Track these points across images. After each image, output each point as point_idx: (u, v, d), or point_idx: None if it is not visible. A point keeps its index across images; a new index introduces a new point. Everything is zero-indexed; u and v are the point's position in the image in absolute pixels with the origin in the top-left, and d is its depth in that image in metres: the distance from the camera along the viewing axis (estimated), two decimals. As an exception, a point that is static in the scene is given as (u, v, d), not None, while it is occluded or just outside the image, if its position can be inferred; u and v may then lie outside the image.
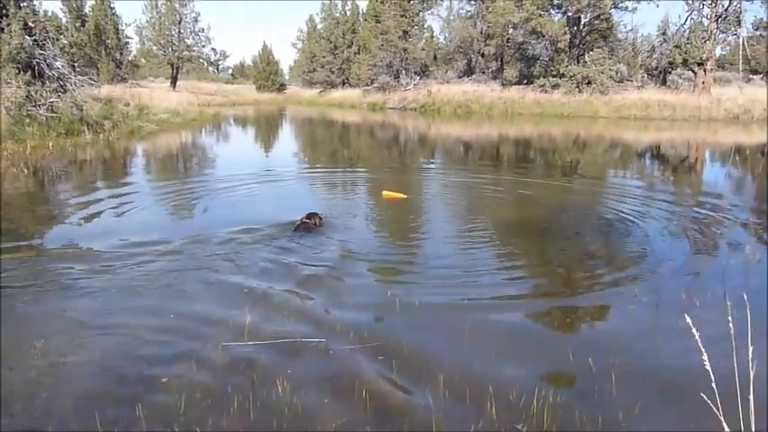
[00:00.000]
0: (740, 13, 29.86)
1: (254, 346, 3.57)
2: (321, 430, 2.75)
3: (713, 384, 2.04)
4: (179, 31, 48.39)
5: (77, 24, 42.65)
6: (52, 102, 16.13)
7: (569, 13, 33.26)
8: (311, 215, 6.57)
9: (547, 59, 34.98)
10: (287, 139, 23.13)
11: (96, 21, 43.10)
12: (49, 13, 32.33)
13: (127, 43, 47.90)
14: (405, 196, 8.41)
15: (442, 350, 3.59)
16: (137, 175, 11.33)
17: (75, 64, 23.52)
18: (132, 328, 3.88)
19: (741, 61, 32.41)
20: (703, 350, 2.01)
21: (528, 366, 3.41)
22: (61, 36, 20.87)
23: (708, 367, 2.00)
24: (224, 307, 4.24)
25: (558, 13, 34.29)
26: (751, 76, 38.79)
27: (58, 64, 17.74)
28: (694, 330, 2.10)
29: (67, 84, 17.63)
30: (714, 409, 2.04)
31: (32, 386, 3.16)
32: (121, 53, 46.11)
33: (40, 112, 15.59)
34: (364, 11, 51.34)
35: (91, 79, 20.53)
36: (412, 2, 42.62)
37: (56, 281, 4.81)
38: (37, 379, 3.23)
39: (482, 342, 3.69)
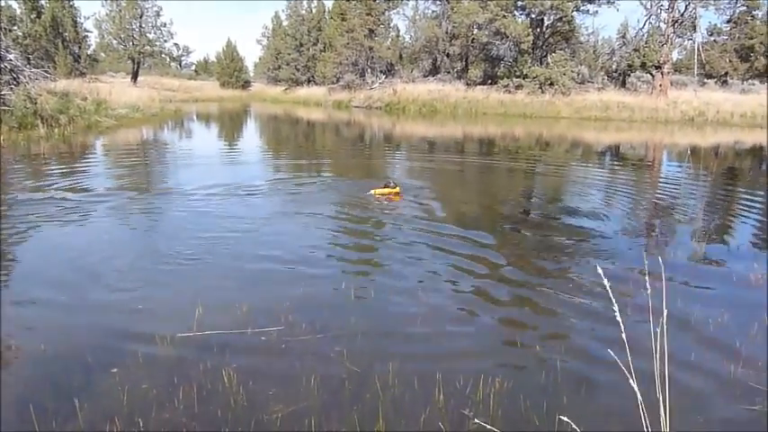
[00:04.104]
0: (695, 18, 30.82)
1: (205, 337, 3.52)
2: (265, 419, 2.72)
3: (632, 383, 2.10)
4: (140, 26, 47.34)
5: (32, 16, 41.18)
6: (4, 94, 15.58)
7: (533, 15, 33.78)
8: (387, 184, 8.21)
9: (511, 60, 35.38)
10: (251, 135, 22.82)
11: (53, 12, 41.67)
12: (2, 3, 31.18)
13: (86, 37, 46.43)
14: (397, 190, 8.16)
15: (393, 339, 3.60)
16: (94, 166, 10.99)
17: (30, 56, 22.79)
18: (80, 312, 3.81)
19: (696, 65, 33.43)
20: (627, 344, 2.06)
21: (476, 354, 3.45)
22: (14, 27, 20.16)
23: (630, 362, 2.05)
24: (180, 296, 4.20)
25: (521, 14, 34.74)
26: (705, 80, 40.02)
27: (10, 56, 17.13)
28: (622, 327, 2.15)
29: (21, 76, 17.03)
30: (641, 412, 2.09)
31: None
32: (80, 47, 44.66)
33: (-9, 104, 15.06)
34: (330, 9, 51.13)
35: (46, 72, 19.90)
36: (378, 1, 42.57)
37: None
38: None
39: (432, 330, 3.72)
